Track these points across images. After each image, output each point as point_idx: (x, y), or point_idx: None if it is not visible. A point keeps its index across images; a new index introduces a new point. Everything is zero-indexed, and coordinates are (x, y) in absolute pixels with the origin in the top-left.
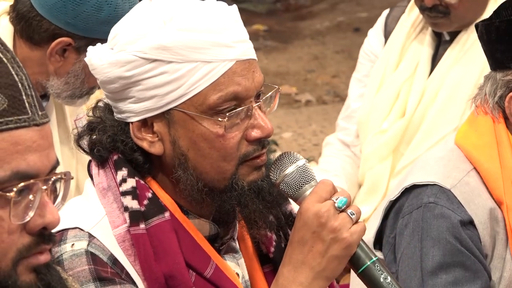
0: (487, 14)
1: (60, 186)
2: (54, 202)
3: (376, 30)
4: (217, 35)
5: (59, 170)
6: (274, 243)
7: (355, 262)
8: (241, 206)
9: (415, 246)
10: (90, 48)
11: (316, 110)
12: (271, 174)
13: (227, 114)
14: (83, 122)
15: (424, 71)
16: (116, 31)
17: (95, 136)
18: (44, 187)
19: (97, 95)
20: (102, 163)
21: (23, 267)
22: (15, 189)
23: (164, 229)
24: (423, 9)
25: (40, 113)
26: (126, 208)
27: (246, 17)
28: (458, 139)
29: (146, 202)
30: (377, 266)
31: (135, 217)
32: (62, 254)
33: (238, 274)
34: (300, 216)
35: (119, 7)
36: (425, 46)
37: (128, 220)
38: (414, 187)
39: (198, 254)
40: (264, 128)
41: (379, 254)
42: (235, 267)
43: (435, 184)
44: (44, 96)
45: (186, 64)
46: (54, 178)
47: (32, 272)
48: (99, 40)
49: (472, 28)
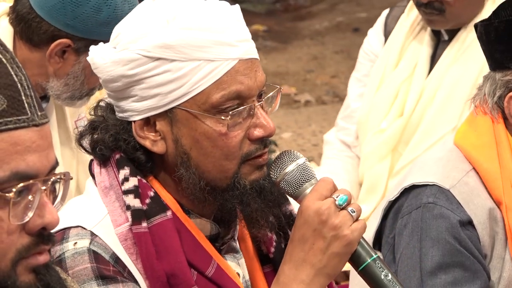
0: (484, 14)
1: (59, 186)
2: (53, 203)
3: (376, 30)
4: (220, 34)
5: (58, 170)
6: (274, 243)
7: (355, 260)
8: (243, 205)
9: (414, 246)
10: (92, 47)
11: (316, 110)
12: (271, 173)
13: (230, 112)
14: (84, 122)
15: (423, 71)
16: (119, 30)
17: (97, 135)
18: (44, 188)
19: (97, 96)
20: (104, 162)
21: (23, 268)
22: (14, 189)
23: (166, 227)
24: (419, 5)
25: (39, 113)
26: (128, 207)
27: (245, 17)
28: (457, 139)
29: (148, 201)
30: (377, 264)
31: (137, 215)
32: (64, 253)
33: (238, 274)
34: (301, 214)
35: (118, 9)
36: (424, 45)
37: (130, 219)
38: (413, 187)
39: (199, 253)
40: (267, 127)
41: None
42: (236, 267)
43: (434, 184)
44: (44, 97)
45: (189, 62)
46: (54, 178)
47: (31, 273)
48: (98, 41)
49: (471, 27)
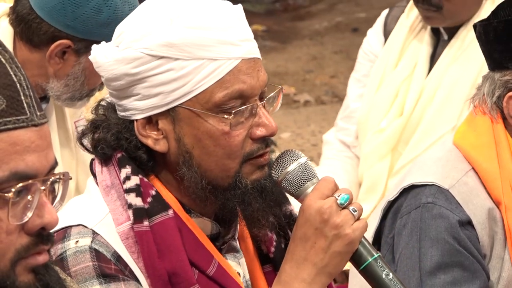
0: (483, 14)
1: (58, 186)
2: (52, 203)
3: (375, 30)
4: (223, 33)
5: (58, 170)
6: (275, 243)
7: (357, 259)
8: (244, 205)
9: (413, 246)
10: (95, 46)
11: (315, 110)
12: (273, 172)
13: (233, 111)
14: (84, 123)
15: (423, 70)
16: (122, 29)
17: (99, 134)
18: (43, 188)
19: (96, 96)
20: (105, 161)
21: (22, 268)
22: (13, 189)
23: (168, 226)
24: (417, 1)
25: (38, 113)
26: (130, 205)
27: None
28: (456, 139)
29: (150, 200)
30: (379, 263)
31: (139, 214)
32: (66, 251)
33: (239, 274)
34: (302, 213)
35: (118, 10)
36: (423, 45)
37: (132, 217)
38: (412, 187)
39: (201, 252)
40: (269, 127)
41: None
42: (236, 266)
43: (433, 184)
44: (44, 98)
45: (192, 61)
46: (53, 178)
47: (30, 273)
48: (98, 42)
49: (470, 26)
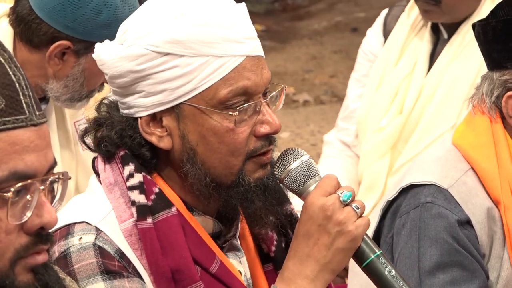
0: (483, 12)
1: (57, 186)
2: (51, 202)
3: (375, 30)
4: (228, 30)
5: (57, 171)
6: (275, 242)
7: (359, 256)
8: (247, 202)
9: (412, 246)
10: (98, 45)
11: (314, 110)
12: (275, 170)
13: (238, 108)
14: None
15: (422, 69)
16: (126, 27)
17: (102, 132)
18: (42, 187)
19: (96, 97)
20: (108, 158)
21: (21, 267)
22: (12, 189)
23: (171, 223)
24: None
25: (37, 113)
26: (133, 203)
27: None
28: (455, 139)
29: (153, 197)
30: (381, 260)
31: (143, 211)
32: (69, 248)
33: (240, 272)
34: (306, 210)
35: (118, 11)
36: (423, 43)
37: (135, 214)
38: (411, 187)
39: (203, 250)
40: (272, 124)
41: None
42: (238, 265)
43: (432, 184)
44: (44, 98)
45: (198, 58)
46: (52, 178)
47: (29, 272)
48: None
49: (470, 25)
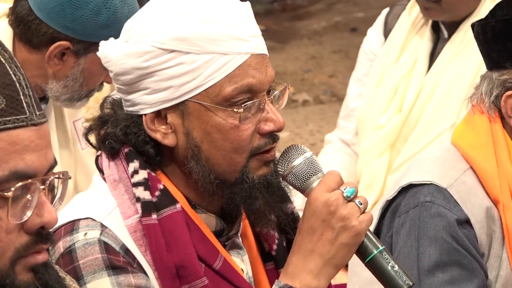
0: (483, 11)
1: (58, 185)
2: (52, 202)
3: (375, 29)
4: (233, 28)
5: (57, 170)
6: (277, 241)
7: (362, 252)
8: (251, 199)
9: (411, 245)
10: (103, 43)
11: (313, 110)
12: (279, 167)
13: (242, 105)
14: (83, 123)
15: (422, 68)
16: (131, 25)
17: (107, 129)
18: (42, 187)
19: (96, 97)
20: (112, 155)
21: (21, 267)
22: (13, 188)
23: (176, 219)
24: None
25: (37, 113)
26: (138, 199)
27: None
28: (454, 139)
29: (158, 194)
30: (384, 255)
31: (147, 207)
32: (74, 243)
33: (242, 270)
34: (309, 205)
35: (118, 11)
36: (424, 42)
37: (140, 211)
38: (410, 186)
39: (207, 247)
40: (276, 122)
41: None
42: (240, 263)
43: (431, 183)
44: (43, 98)
45: (203, 55)
46: (52, 177)
47: (30, 272)
48: (97, 44)
49: (469, 24)
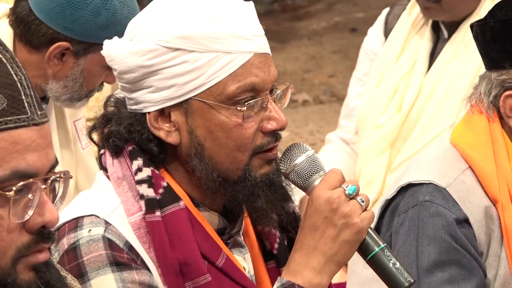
0: (483, 11)
1: (59, 185)
2: (53, 201)
3: (376, 29)
4: (237, 27)
5: (58, 170)
6: (278, 240)
7: (364, 249)
8: (254, 197)
9: (411, 244)
10: (107, 42)
11: (313, 109)
12: (281, 165)
13: (246, 104)
14: (83, 123)
15: (422, 67)
16: (135, 24)
17: (111, 127)
18: (43, 186)
19: (97, 96)
20: (116, 153)
21: (23, 266)
22: (14, 188)
23: (179, 217)
24: None
25: (39, 112)
26: (142, 196)
27: None
28: (453, 138)
29: (161, 191)
30: (386, 253)
31: (151, 204)
32: (78, 240)
33: (244, 268)
34: (312, 203)
35: (117, 12)
36: (424, 42)
37: (143, 208)
38: (410, 186)
39: (210, 244)
40: (279, 120)
41: None
42: (242, 261)
43: (430, 183)
44: (44, 98)
45: (207, 54)
46: (53, 177)
47: (31, 271)
48: (97, 44)
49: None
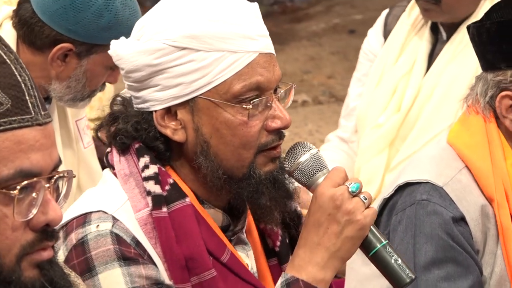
0: (481, 13)
1: (62, 184)
2: (57, 200)
3: (375, 30)
4: (243, 27)
5: (61, 169)
6: (280, 238)
7: (366, 246)
8: (258, 194)
9: (408, 242)
10: (114, 42)
11: (312, 110)
12: (285, 163)
13: (251, 102)
14: (85, 123)
15: (421, 68)
16: (143, 23)
17: (118, 125)
18: (47, 185)
19: (99, 96)
20: (123, 151)
21: (27, 263)
22: (18, 187)
23: (186, 213)
24: None
25: (42, 113)
26: (148, 192)
27: None
28: (450, 138)
29: (168, 188)
30: (388, 249)
31: (158, 201)
32: (86, 235)
33: (247, 265)
34: (315, 200)
35: (119, 14)
36: (423, 42)
37: (150, 204)
38: (407, 185)
39: (215, 240)
40: (283, 119)
41: None
42: (245, 258)
43: (427, 182)
44: (47, 98)
45: (213, 53)
46: (57, 176)
47: (35, 268)
48: (99, 45)
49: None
